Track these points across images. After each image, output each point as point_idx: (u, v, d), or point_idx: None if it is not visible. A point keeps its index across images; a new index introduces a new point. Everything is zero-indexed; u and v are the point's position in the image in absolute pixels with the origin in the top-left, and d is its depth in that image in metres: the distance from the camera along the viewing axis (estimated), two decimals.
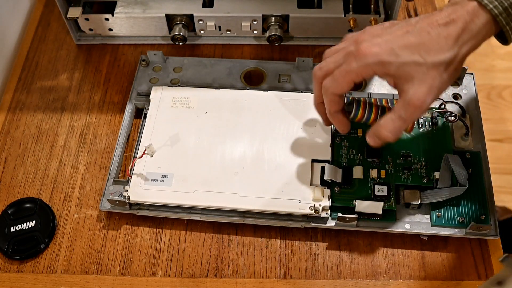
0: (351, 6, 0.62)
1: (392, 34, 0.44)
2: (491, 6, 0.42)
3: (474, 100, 0.58)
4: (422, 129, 0.56)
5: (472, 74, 0.60)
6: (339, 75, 0.45)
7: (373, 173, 0.53)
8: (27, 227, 0.53)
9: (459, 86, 0.60)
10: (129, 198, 0.52)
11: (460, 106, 0.57)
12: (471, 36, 0.43)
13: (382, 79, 0.47)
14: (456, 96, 0.59)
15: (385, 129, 0.45)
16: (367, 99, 0.50)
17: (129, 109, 0.60)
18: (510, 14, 0.43)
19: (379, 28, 0.46)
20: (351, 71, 0.44)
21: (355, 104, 0.48)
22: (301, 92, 0.59)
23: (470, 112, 0.57)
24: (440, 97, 0.58)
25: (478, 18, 0.43)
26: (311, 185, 0.52)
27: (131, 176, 0.53)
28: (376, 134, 0.46)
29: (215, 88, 0.59)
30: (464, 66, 0.59)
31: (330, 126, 0.55)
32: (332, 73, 0.46)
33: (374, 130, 0.46)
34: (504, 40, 0.46)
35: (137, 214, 0.53)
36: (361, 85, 0.60)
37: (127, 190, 0.52)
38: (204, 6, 0.64)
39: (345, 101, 0.48)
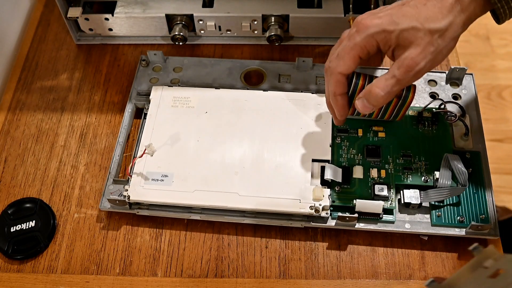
0: (351, 6, 0.62)
1: (391, 8, 0.46)
2: None
3: (474, 100, 0.58)
4: (422, 129, 0.56)
5: (471, 74, 0.60)
6: (343, 52, 0.47)
7: (373, 172, 0.53)
8: (27, 227, 0.53)
9: (458, 86, 0.60)
10: (129, 198, 0.52)
11: (460, 106, 0.57)
12: (463, 7, 0.45)
13: (383, 52, 0.48)
14: (456, 97, 0.59)
15: (377, 87, 0.46)
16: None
17: (129, 109, 0.60)
18: None
19: (377, 9, 0.48)
20: (356, 44, 0.46)
21: (355, 75, 0.48)
22: (301, 92, 0.59)
23: (470, 112, 0.57)
24: (440, 97, 0.58)
25: None
26: (311, 184, 0.52)
27: (131, 176, 0.53)
28: (366, 92, 0.47)
29: (215, 88, 0.59)
30: (464, 66, 0.59)
31: (330, 126, 0.55)
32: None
33: (365, 90, 0.47)
34: (496, 18, 0.47)
35: (137, 213, 0.53)
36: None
37: (127, 190, 0.52)
38: (204, 6, 0.64)
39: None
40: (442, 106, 0.57)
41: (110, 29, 0.66)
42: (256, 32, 0.65)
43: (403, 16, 0.45)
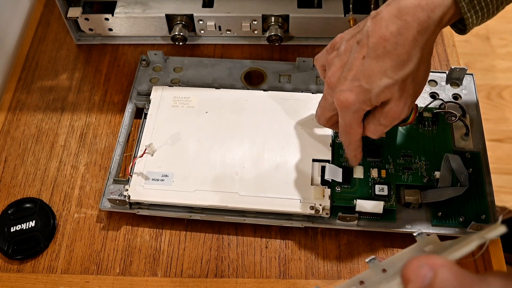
0: (351, 6, 0.62)
1: (353, 67, 0.43)
2: None
3: (474, 100, 0.58)
4: (422, 129, 0.56)
5: (472, 74, 0.60)
6: (344, 135, 0.47)
7: (374, 172, 0.53)
8: (27, 227, 0.53)
9: (459, 86, 0.60)
10: (129, 197, 0.52)
11: (460, 106, 0.57)
12: (429, 34, 0.41)
13: None
14: (456, 97, 0.59)
15: (368, 131, 0.46)
16: None
17: (129, 109, 0.60)
18: (472, 0, 0.41)
19: (337, 61, 0.45)
20: (351, 124, 0.46)
21: None
22: (302, 92, 0.59)
23: (470, 112, 0.57)
24: (440, 97, 0.58)
25: (434, 12, 0.40)
26: (311, 184, 0.52)
27: (131, 176, 0.53)
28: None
29: (216, 88, 0.59)
30: (464, 66, 0.59)
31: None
32: (340, 127, 0.47)
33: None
34: (460, 29, 0.45)
35: (137, 213, 0.53)
36: None
37: (127, 189, 0.52)
38: (204, 6, 0.64)
39: None
40: (443, 106, 0.57)
41: (110, 29, 0.66)
42: (256, 32, 0.65)
43: (370, 77, 0.42)
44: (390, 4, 0.41)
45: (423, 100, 0.58)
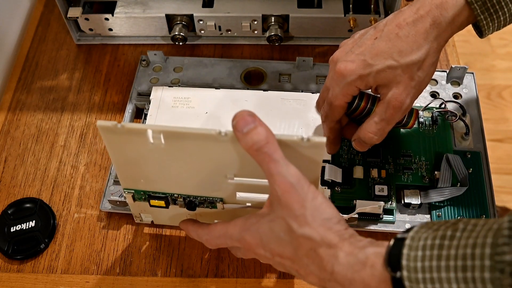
0: (351, 6, 0.62)
1: (363, 45, 0.45)
2: None
3: (475, 99, 0.58)
4: (422, 129, 0.56)
5: (472, 73, 0.60)
6: (328, 105, 0.48)
7: (374, 173, 0.53)
8: (27, 227, 0.53)
9: (459, 85, 0.60)
10: None
11: (461, 106, 0.57)
12: (440, 30, 0.43)
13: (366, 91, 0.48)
14: (456, 96, 0.59)
15: (369, 132, 0.46)
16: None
17: (129, 109, 0.60)
18: (485, 3, 0.42)
19: (351, 41, 0.47)
20: (337, 95, 0.46)
21: (359, 95, 0.49)
22: (302, 91, 0.59)
23: (471, 111, 0.57)
24: (440, 97, 0.58)
25: (446, 11, 0.43)
26: None
27: None
28: (361, 138, 0.47)
29: (215, 88, 0.59)
30: (463, 65, 0.59)
31: None
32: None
33: (359, 134, 0.48)
34: (479, 32, 0.46)
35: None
36: None
37: None
38: (204, 6, 0.64)
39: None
40: (443, 106, 0.57)
41: (110, 29, 0.66)
42: (256, 32, 0.65)
43: (376, 55, 0.43)
44: (412, 4, 0.44)
45: (423, 100, 0.58)
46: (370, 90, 0.48)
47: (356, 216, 0.50)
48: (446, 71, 0.60)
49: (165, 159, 0.42)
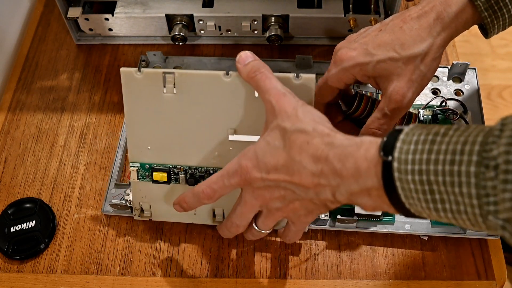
0: (351, 6, 0.62)
1: (367, 36, 0.45)
2: None
3: (477, 95, 0.58)
4: None
5: (474, 69, 0.60)
6: (320, 83, 0.48)
7: None
8: (27, 227, 0.53)
9: (461, 81, 0.59)
10: (130, 202, 0.52)
11: (462, 103, 0.57)
12: (444, 25, 0.43)
13: (364, 82, 0.48)
14: (458, 92, 0.59)
15: (373, 128, 0.46)
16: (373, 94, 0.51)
17: None
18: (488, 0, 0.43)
19: (356, 34, 0.47)
20: (332, 76, 0.46)
21: (359, 96, 0.49)
22: None
23: (473, 108, 0.57)
24: (441, 94, 0.58)
25: (450, 7, 0.43)
26: None
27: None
28: (366, 133, 0.47)
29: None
30: (465, 62, 0.59)
31: None
32: None
33: (363, 132, 0.47)
34: (484, 31, 0.46)
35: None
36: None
37: (128, 194, 0.52)
38: (204, 6, 0.64)
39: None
40: (444, 104, 0.57)
41: (110, 29, 0.66)
42: (256, 32, 0.65)
43: (379, 45, 0.44)
44: (419, 3, 0.45)
45: (424, 97, 0.58)
46: (370, 86, 0.48)
47: (355, 218, 0.50)
48: (447, 67, 0.60)
49: (175, 111, 0.47)
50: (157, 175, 0.49)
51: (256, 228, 0.46)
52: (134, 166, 0.50)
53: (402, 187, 0.34)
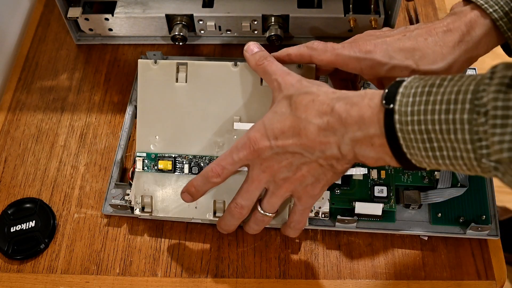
0: (351, 6, 0.62)
1: (390, 36, 0.44)
2: (491, 10, 0.42)
3: None
4: None
5: (475, 69, 0.60)
6: (324, 44, 0.47)
7: (373, 173, 0.53)
8: (27, 227, 0.53)
9: None
10: (130, 202, 0.52)
11: None
12: (468, 47, 0.43)
13: (367, 80, 0.48)
14: None
15: None
16: None
17: (129, 111, 0.60)
18: (511, 19, 0.42)
19: (378, 31, 0.47)
20: (338, 55, 0.45)
21: (364, 84, 0.49)
22: None
23: None
24: None
25: (474, 30, 0.43)
26: None
27: (131, 180, 0.53)
28: None
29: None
30: None
31: None
32: None
33: None
34: (508, 51, 0.46)
35: (139, 217, 0.53)
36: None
37: (128, 194, 0.52)
38: (204, 6, 0.64)
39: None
40: None
41: (110, 29, 0.66)
42: (256, 32, 0.65)
43: (400, 50, 0.43)
44: (444, 18, 0.45)
45: None
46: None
47: (355, 218, 0.50)
48: None
49: (185, 101, 0.50)
50: (162, 163, 0.51)
51: (261, 211, 0.46)
52: (140, 156, 0.52)
53: (403, 138, 0.36)
